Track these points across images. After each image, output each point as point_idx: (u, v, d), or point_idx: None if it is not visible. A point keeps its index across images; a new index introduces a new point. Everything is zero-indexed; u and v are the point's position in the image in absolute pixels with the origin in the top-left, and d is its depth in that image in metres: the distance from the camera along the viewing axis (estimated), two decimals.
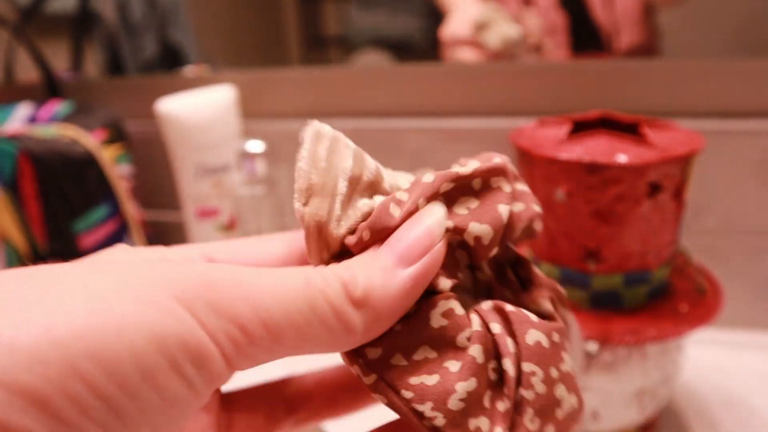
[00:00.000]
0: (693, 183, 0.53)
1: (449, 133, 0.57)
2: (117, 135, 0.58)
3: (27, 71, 0.67)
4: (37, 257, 0.51)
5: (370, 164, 0.17)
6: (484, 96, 0.56)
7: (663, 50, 0.60)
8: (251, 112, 0.62)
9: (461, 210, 0.17)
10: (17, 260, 0.51)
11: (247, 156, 0.54)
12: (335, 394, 0.20)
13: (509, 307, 0.17)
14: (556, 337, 0.17)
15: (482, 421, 0.15)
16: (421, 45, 0.70)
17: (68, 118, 0.56)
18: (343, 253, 0.16)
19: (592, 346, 0.37)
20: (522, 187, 0.19)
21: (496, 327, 0.16)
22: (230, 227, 0.59)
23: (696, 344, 0.53)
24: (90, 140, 0.54)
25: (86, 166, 0.53)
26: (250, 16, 0.80)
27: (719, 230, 0.54)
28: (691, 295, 0.40)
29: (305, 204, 0.16)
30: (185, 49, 0.79)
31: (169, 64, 0.75)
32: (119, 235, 0.56)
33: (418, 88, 0.58)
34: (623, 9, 0.59)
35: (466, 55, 0.61)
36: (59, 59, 0.74)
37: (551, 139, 0.37)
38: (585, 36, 0.60)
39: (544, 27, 0.61)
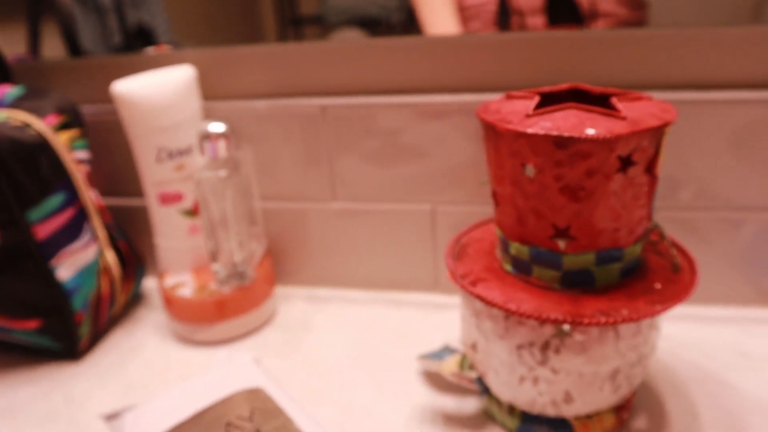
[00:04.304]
0: (668, 156, 0.52)
1: (422, 109, 0.55)
2: (72, 119, 0.56)
3: None
4: None
5: None
6: (457, 71, 0.54)
7: (657, 19, 0.58)
8: (214, 92, 0.60)
9: None
10: None
11: (208, 138, 0.51)
12: None
13: None
14: None
15: None
16: (399, 22, 0.68)
17: (18, 102, 0.53)
18: None
19: (564, 327, 0.36)
20: None
21: None
22: (195, 212, 0.57)
23: (671, 320, 0.53)
24: (41, 124, 0.51)
25: (38, 150, 0.50)
26: None
27: (695, 204, 0.53)
28: (666, 273, 0.39)
29: None
30: (156, 30, 0.76)
31: (140, 47, 0.72)
32: (78, 223, 0.54)
33: (388, 64, 0.56)
34: None
35: None
36: (20, 43, 0.71)
37: (518, 113, 0.36)
38: (564, 17, 0.59)
39: (523, 8, 0.59)
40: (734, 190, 0.52)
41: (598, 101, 0.38)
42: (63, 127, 0.54)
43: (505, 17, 0.59)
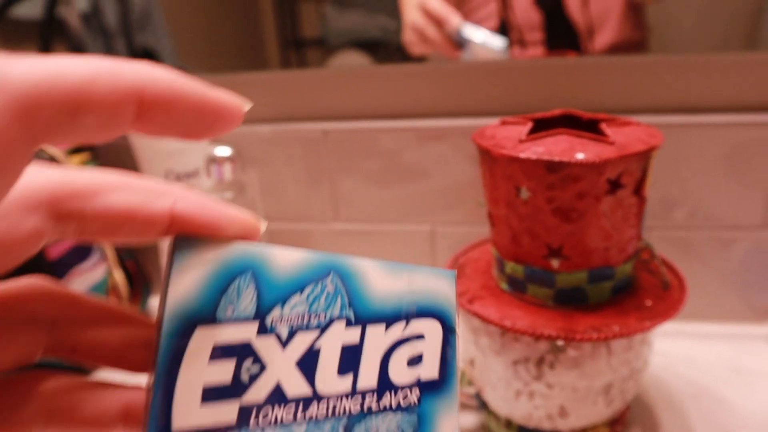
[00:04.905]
0: (662, 177, 0.53)
1: (421, 133, 0.57)
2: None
3: None
4: None
5: None
6: (456, 96, 0.56)
7: (652, 45, 0.60)
8: None
9: None
10: None
11: (215, 161, 0.53)
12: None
13: None
14: None
15: None
16: (400, 45, 0.70)
17: None
18: None
19: (558, 343, 0.38)
20: None
21: None
22: None
23: (665, 336, 0.54)
24: (54, 148, 0.53)
25: None
26: (228, 19, 0.79)
27: (688, 223, 0.55)
28: (656, 290, 0.40)
29: None
30: (161, 54, 0.78)
31: None
32: (87, 244, 0.55)
33: (388, 90, 0.58)
34: (599, 8, 0.59)
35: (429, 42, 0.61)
36: None
37: (512, 138, 0.37)
38: (561, 35, 0.60)
39: (521, 25, 0.61)
40: (727, 209, 0.53)
41: (589, 126, 0.40)
42: (75, 150, 0.56)
43: (504, 33, 0.61)
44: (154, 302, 0.69)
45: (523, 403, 0.40)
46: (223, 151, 0.53)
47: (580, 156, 0.34)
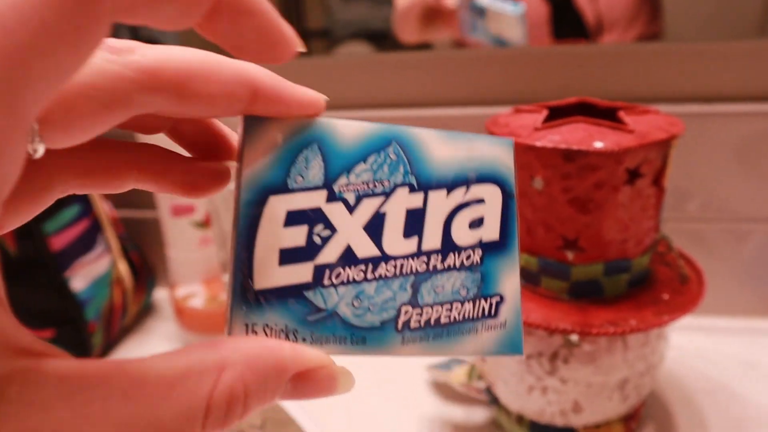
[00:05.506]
0: (675, 168, 0.52)
1: (430, 122, 0.56)
2: None
3: None
4: (8, 261, 0.50)
5: None
6: (465, 85, 0.55)
7: (666, 34, 0.58)
8: None
9: None
10: None
11: None
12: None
13: None
14: None
15: None
16: None
17: None
18: None
19: (573, 337, 0.37)
20: None
21: None
22: (206, 224, 0.58)
23: (679, 331, 0.53)
24: None
25: None
26: None
27: (701, 216, 0.53)
28: (673, 283, 0.39)
29: None
30: (166, 42, 0.77)
31: None
32: (91, 235, 0.55)
33: (396, 78, 0.57)
34: (608, 1, 0.58)
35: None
36: None
37: (527, 126, 0.36)
38: (570, 29, 0.59)
39: (528, 18, 0.59)
40: (740, 201, 0.52)
41: (606, 115, 0.39)
42: None
43: None
44: (158, 294, 0.68)
45: (536, 398, 0.39)
46: None
47: (598, 144, 0.33)
